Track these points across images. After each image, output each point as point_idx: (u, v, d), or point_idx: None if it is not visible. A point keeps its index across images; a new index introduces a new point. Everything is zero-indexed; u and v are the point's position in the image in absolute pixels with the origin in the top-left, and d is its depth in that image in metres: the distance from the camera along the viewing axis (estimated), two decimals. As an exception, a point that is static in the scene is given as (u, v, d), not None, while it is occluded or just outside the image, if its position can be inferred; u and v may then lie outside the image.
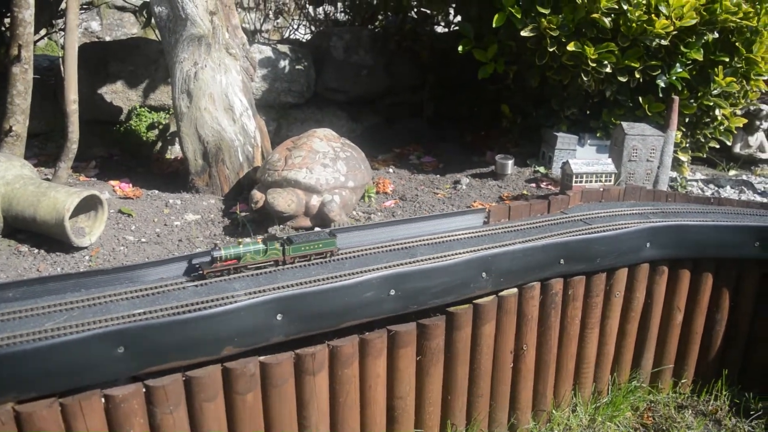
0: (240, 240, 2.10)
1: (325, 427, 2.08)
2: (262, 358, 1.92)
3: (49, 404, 1.67)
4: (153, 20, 2.95)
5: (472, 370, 2.34)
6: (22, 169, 2.42)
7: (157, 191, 2.94)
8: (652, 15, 3.00)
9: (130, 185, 2.95)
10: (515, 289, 2.34)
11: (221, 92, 2.83)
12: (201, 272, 2.00)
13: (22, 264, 2.24)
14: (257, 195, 2.60)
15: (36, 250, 2.33)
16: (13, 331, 1.70)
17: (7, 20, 3.12)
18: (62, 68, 2.71)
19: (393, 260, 2.17)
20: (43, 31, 3.59)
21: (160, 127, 3.54)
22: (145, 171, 3.30)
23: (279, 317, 1.90)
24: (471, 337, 2.28)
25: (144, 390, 1.78)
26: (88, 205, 2.41)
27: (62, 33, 3.20)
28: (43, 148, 3.42)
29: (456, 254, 2.23)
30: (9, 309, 1.79)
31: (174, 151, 3.49)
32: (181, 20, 2.69)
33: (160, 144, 3.49)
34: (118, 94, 3.59)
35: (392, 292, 2.06)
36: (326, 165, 2.63)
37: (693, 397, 2.84)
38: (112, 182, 2.97)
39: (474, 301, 2.25)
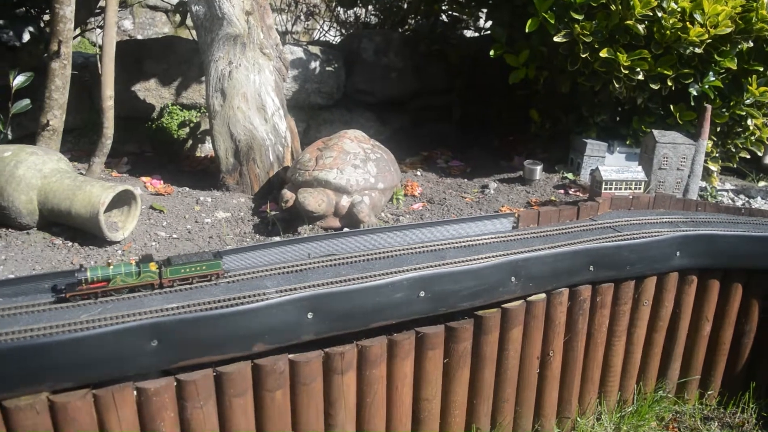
0: (110, 261, 1.91)
1: (351, 426, 2.09)
2: (291, 356, 1.93)
3: (82, 395, 1.69)
4: (189, 19, 2.99)
5: (499, 374, 2.34)
6: (58, 162, 2.46)
7: (188, 188, 2.98)
8: (687, 23, 2.98)
9: (162, 182, 2.98)
10: (543, 295, 2.33)
11: (254, 91, 2.86)
12: (64, 295, 1.83)
13: (57, 256, 2.27)
14: (287, 194, 2.62)
15: (70, 243, 2.37)
16: (49, 321, 1.73)
17: (46, 17, 3.17)
18: (99, 65, 2.76)
19: (423, 262, 2.17)
20: (78, 30, 3.64)
21: (191, 125, 3.57)
22: (175, 168, 3.34)
23: (310, 315, 1.92)
24: (498, 341, 2.28)
25: (175, 384, 1.80)
26: (122, 200, 2.44)
27: (98, 31, 3.25)
28: (77, 144, 3.47)
29: (485, 258, 2.23)
30: (45, 300, 1.83)
31: (204, 149, 3.52)
32: (217, 19, 2.72)
33: (190, 142, 3.53)
34: (151, 91, 3.63)
35: (422, 294, 2.07)
36: (357, 166, 2.65)
37: (719, 409, 2.81)
38: (144, 178, 3.00)
39: (502, 306, 2.25)
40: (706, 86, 3.18)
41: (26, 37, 3.16)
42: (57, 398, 1.68)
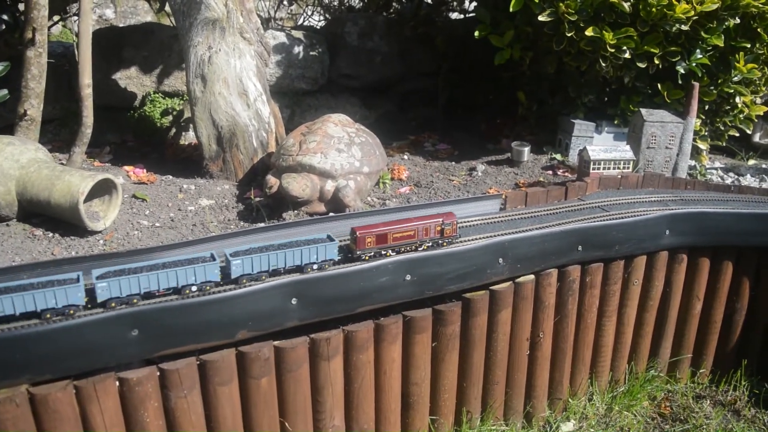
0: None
1: (339, 412, 2.07)
2: (276, 342, 1.90)
3: (63, 387, 1.66)
4: (167, 4, 2.93)
5: (488, 357, 2.31)
6: (36, 152, 2.41)
7: (171, 176, 2.93)
8: (672, 0, 2.94)
9: (145, 171, 2.93)
10: (532, 276, 2.31)
11: (235, 77, 2.81)
12: None
13: (37, 248, 2.23)
14: (271, 180, 2.58)
15: (51, 234, 2.32)
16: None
17: (21, 5, 3.11)
18: (76, 53, 2.70)
19: (409, 245, 2.14)
20: (56, 17, 3.58)
21: (174, 113, 3.52)
22: (159, 157, 3.30)
23: (294, 301, 1.88)
24: (487, 323, 2.26)
25: (158, 373, 1.77)
26: (103, 189, 2.40)
27: (76, 18, 3.19)
28: (58, 134, 3.42)
29: (472, 240, 2.20)
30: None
31: (188, 137, 3.48)
32: (195, 4, 2.67)
33: (174, 130, 3.48)
34: (132, 79, 3.58)
35: (408, 277, 2.04)
36: (341, 150, 2.61)
37: (711, 387, 2.80)
38: (127, 168, 2.96)
39: (490, 288, 2.22)
40: (694, 64, 3.15)
41: (1, 26, 3.09)
42: (37, 390, 1.64)
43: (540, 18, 3.01)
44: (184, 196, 2.72)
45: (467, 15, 4.52)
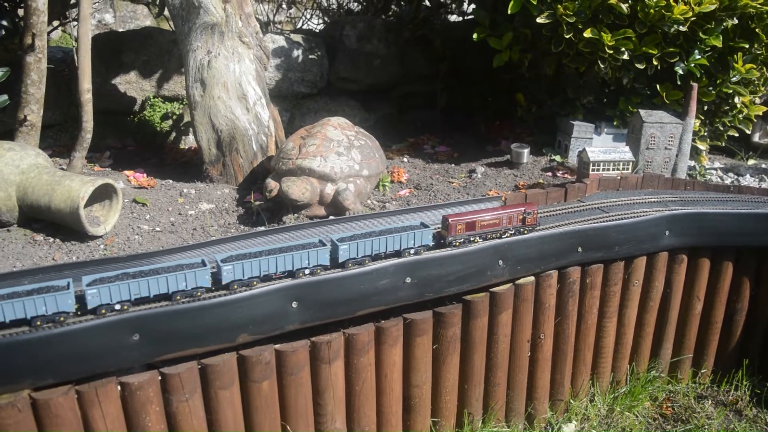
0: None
1: (340, 415, 2.07)
2: (277, 346, 1.91)
3: (65, 391, 1.67)
4: (166, 9, 2.94)
5: (489, 359, 2.32)
6: (36, 158, 2.42)
7: (171, 181, 2.94)
8: (671, 0, 2.95)
9: (145, 175, 2.94)
10: (532, 278, 2.31)
11: (235, 81, 2.82)
12: None
13: (38, 253, 2.24)
14: (271, 184, 2.58)
15: (51, 239, 2.33)
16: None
17: (21, 11, 3.11)
18: (76, 58, 2.71)
19: (409, 248, 2.15)
20: (56, 23, 3.59)
21: (174, 117, 3.53)
22: (159, 161, 3.30)
23: (294, 305, 1.89)
24: (488, 325, 2.26)
25: (159, 378, 1.77)
26: (103, 194, 2.41)
27: (75, 24, 3.20)
28: (58, 139, 3.42)
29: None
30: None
31: (188, 141, 3.48)
32: (194, 8, 2.68)
33: (174, 134, 3.48)
34: (131, 84, 3.58)
35: (408, 280, 2.04)
36: (340, 153, 2.61)
37: (713, 387, 2.80)
38: (127, 172, 2.96)
39: (490, 290, 2.23)
40: (692, 65, 3.15)
41: (1, 31, 3.10)
42: (39, 395, 1.65)
43: (538, 20, 3.01)
44: (185, 201, 2.72)
45: (466, 17, 4.52)
